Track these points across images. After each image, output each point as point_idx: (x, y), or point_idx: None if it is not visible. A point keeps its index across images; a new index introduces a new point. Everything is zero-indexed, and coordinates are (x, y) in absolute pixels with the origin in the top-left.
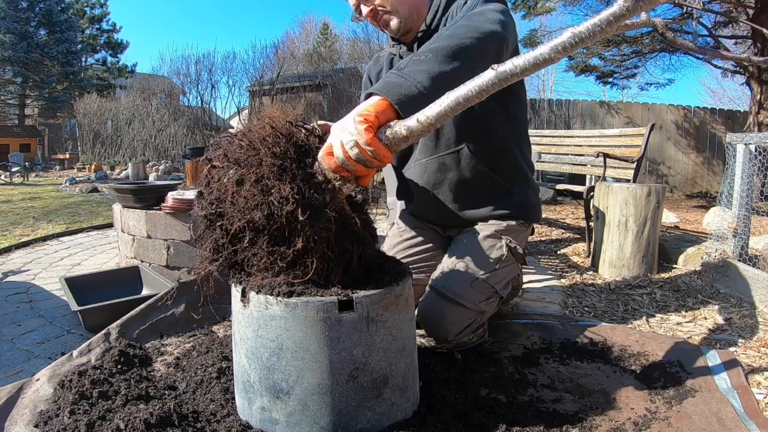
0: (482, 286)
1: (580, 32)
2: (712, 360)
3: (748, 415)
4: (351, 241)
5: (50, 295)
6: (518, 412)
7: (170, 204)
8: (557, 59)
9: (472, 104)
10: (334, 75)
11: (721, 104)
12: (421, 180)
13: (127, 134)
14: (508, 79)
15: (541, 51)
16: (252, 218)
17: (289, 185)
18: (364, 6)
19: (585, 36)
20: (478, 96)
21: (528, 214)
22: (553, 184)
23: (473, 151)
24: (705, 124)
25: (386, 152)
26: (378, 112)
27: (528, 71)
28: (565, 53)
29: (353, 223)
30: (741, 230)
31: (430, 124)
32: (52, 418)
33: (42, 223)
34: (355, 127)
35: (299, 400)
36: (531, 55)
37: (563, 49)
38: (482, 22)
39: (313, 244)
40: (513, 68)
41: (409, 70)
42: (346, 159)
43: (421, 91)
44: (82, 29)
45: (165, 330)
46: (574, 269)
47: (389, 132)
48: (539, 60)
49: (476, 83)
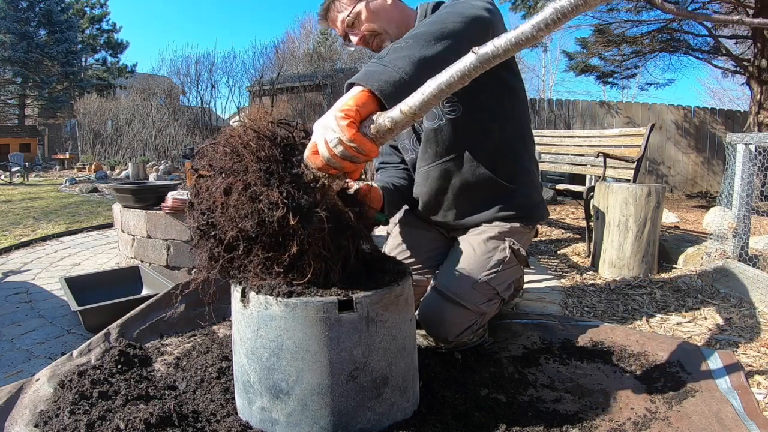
0: (484, 287)
1: (562, 7)
2: (712, 360)
3: (748, 415)
4: (346, 236)
5: (50, 295)
6: (518, 412)
7: (170, 204)
8: (540, 37)
9: (455, 89)
10: (334, 75)
11: (721, 104)
12: (424, 187)
13: (127, 134)
14: (489, 61)
15: (522, 29)
16: (244, 227)
17: (277, 190)
18: (352, 36)
19: (568, 10)
20: (461, 81)
21: (532, 215)
22: (553, 184)
23: (473, 154)
24: (705, 124)
25: (372, 146)
26: (359, 105)
27: (510, 51)
28: (548, 30)
29: (347, 218)
30: (741, 230)
31: (414, 113)
32: (52, 418)
33: (42, 223)
34: (337, 123)
35: (299, 401)
36: (512, 34)
37: (545, 26)
38: (466, 8)
39: (307, 246)
40: (494, 49)
41: (390, 57)
42: (331, 157)
43: (402, 77)
44: (82, 29)
45: (165, 330)
46: (574, 269)
47: (373, 126)
48: (521, 39)
49: (457, 67)
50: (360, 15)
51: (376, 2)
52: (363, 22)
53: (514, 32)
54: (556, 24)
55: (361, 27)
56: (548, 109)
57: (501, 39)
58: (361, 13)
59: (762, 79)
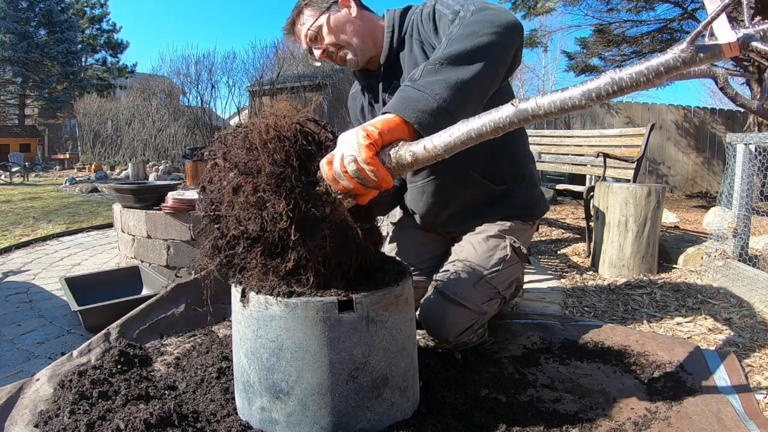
0: (485, 287)
1: (620, 79)
2: (712, 360)
3: (748, 415)
4: (350, 252)
5: (50, 295)
6: (518, 412)
7: (170, 204)
8: (588, 106)
9: (485, 139)
10: (334, 75)
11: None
12: (420, 202)
13: (127, 134)
14: (528, 119)
15: (570, 93)
16: (246, 229)
17: (284, 201)
18: (315, 49)
19: (626, 85)
20: (493, 132)
21: (532, 212)
22: (553, 184)
23: (469, 164)
24: (705, 124)
25: (386, 174)
26: (384, 131)
27: (551, 114)
28: (599, 101)
29: (354, 234)
30: (741, 230)
31: (437, 154)
32: (52, 418)
33: (42, 223)
34: (357, 141)
35: (299, 401)
36: (558, 97)
37: (597, 97)
38: (496, 14)
39: (304, 262)
40: (535, 108)
41: (424, 81)
42: (342, 173)
43: (440, 105)
44: (82, 29)
45: (165, 330)
46: (574, 269)
47: (393, 154)
48: (567, 104)
49: (492, 117)
50: (321, 29)
51: (339, 15)
52: (325, 36)
53: (560, 95)
54: (609, 96)
55: (324, 41)
56: None
57: (545, 99)
58: (322, 27)
59: (762, 80)
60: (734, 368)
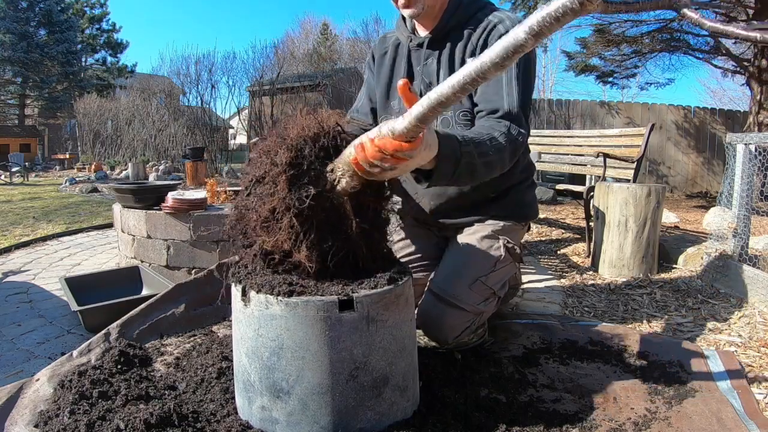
0: (480, 287)
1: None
2: (712, 360)
3: (748, 415)
4: (336, 237)
5: (50, 295)
6: (518, 412)
7: (170, 204)
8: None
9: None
10: (334, 75)
11: (721, 104)
12: (416, 193)
13: (127, 134)
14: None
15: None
16: (256, 174)
17: (288, 153)
18: None
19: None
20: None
21: (525, 213)
22: (553, 184)
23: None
24: (705, 124)
25: (396, 144)
26: (407, 150)
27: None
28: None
29: (348, 225)
30: (741, 230)
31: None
32: (52, 418)
33: (42, 223)
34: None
35: (299, 400)
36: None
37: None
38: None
39: (284, 206)
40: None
41: (481, 162)
42: (368, 141)
43: (459, 160)
44: (82, 29)
45: (165, 330)
46: (574, 269)
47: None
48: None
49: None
50: None
51: None
52: None
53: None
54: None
55: None
56: (548, 109)
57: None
58: None
59: (762, 79)
60: (734, 368)
